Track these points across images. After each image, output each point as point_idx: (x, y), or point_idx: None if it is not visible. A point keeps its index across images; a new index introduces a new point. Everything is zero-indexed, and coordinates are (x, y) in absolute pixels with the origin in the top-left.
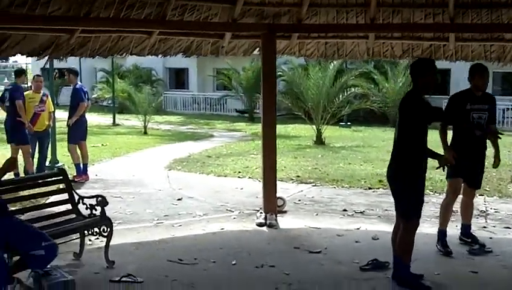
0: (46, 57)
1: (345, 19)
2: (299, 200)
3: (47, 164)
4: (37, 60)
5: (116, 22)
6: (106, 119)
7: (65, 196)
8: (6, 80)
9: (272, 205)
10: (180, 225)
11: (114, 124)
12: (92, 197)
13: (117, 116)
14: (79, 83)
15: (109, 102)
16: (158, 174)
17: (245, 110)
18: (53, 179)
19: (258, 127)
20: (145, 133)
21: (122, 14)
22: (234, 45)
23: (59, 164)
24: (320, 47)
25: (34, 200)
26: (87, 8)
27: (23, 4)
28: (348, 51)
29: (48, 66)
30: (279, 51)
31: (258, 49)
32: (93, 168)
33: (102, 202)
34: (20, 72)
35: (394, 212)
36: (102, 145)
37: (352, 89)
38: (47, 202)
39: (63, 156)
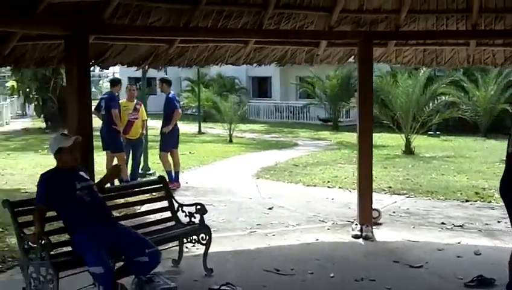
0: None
1: (444, 25)
2: (394, 212)
3: (139, 171)
4: (136, 70)
5: (214, 32)
6: (191, 127)
7: (160, 204)
8: (93, 89)
9: (368, 216)
10: (274, 235)
11: (200, 132)
12: (191, 205)
13: (202, 124)
14: (172, 92)
15: (193, 110)
16: (246, 183)
17: (329, 119)
18: (154, 186)
19: (342, 136)
20: (230, 141)
21: (220, 24)
22: (329, 53)
23: (151, 171)
24: (418, 54)
25: (132, 207)
26: (186, 18)
27: (125, 15)
28: (446, 59)
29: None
30: (375, 59)
31: (353, 57)
32: (182, 176)
33: (202, 210)
34: (116, 82)
35: (495, 227)
36: (190, 153)
37: (443, 97)
38: (142, 209)
39: (153, 163)
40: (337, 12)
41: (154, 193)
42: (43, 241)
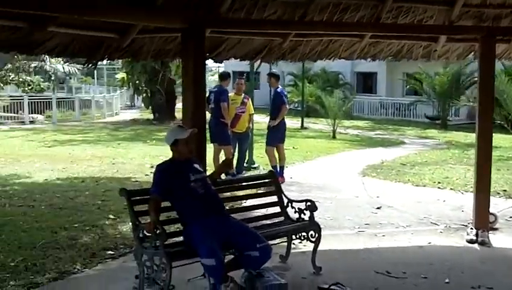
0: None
1: None
2: (511, 217)
3: (244, 165)
4: (249, 64)
5: (330, 25)
6: (294, 122)
7: (268, 198)
8: None
9: (484, 221)
10: (384, 235)
11: (302, 127)
12: (301, 201)
13: (304, 119)
14: (280, 86)
15: (296, 105)
16: (352, 180)
17: (437, 117)
18: (263, 181)
19: (452, 135)
20: (334, 137)
21: (335, 18)
22: (447, 49)
23: (255, 165)
24: None
25: (239, 201)
26: (301, 11)
27: (241, 8)
28: None
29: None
30: (497, 55)
31: (472, 53)
32: (286, 171)
33: (312, 207)
34: (226, 76)
35: None
36: (294, 148)
37: None
38: (247, 203)
39: (257, 157)
40: (459, 6)
41: (261, 188)
42: (157, 231)
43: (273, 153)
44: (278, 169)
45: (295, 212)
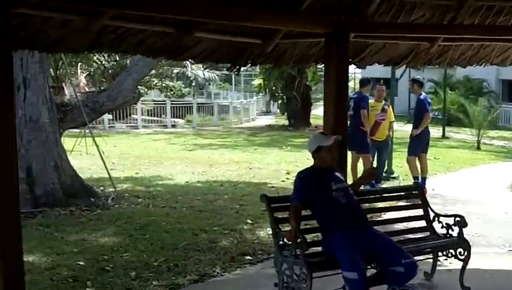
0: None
1: None
2: None
3: (383, 174)
4: (393, 69)
5: (482, 29)
6: (434, 131)
7: (409, 212)
8: None
9: None
10: None
11: (443, 136)
12: (449, 216)
13: (445, 128)
14: (423, 93)
15: (436, 113)
16: (500, 195)
17: None
18: (408, 192)
19: None
20: (478, 148)
21: (488, 21)
22: None
23: (394, 175)
24: None
25: (379, 213)
26: (451, 15)
27: (386, 12)
28: None
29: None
30: None
31: None
32: (428, 182)
33: (461, 222)
34: (366, 82)
35: None
36: (435, 158)
37: None
38: (387, 216)
39: (396, 167)
40: None
41: (401, 200)
42: (298, 240)
43: (414, 164)
44: (420, 180)
45: (442, 227)
